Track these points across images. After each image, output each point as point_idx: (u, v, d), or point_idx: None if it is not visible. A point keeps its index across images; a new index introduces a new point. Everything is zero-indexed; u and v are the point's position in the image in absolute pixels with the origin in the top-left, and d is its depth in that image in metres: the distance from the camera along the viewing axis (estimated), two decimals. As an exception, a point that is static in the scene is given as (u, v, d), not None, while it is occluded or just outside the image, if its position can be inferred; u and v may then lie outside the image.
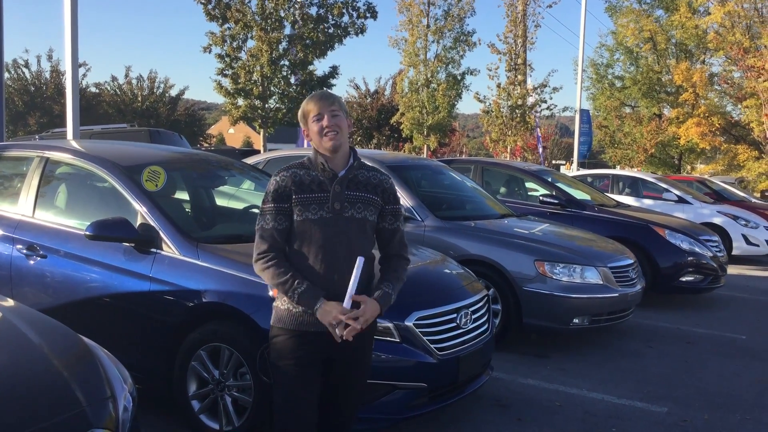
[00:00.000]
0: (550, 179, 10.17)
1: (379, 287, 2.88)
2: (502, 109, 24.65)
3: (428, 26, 24.98)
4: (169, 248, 4.17)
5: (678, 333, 7.41)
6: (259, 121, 19.20)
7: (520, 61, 24.97)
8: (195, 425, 4.05)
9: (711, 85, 31.72)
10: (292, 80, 19.09)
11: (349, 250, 2.79)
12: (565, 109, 27.26)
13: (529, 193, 10.44)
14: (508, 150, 25.37)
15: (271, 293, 2.97)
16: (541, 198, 9.47)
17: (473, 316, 4.42)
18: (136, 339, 4.23)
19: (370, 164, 3.01)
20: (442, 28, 24.80)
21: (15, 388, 2.34)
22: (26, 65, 36.38)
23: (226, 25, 18.37)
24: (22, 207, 4.83)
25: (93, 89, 39.12)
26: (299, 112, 2.94)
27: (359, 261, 2.72)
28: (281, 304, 2.87)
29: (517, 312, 6.26)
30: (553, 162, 46.38)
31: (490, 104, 24.89)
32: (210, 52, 18.59)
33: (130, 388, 2.75)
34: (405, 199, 6.86)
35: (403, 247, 3.03)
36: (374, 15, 19.30)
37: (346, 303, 2.71)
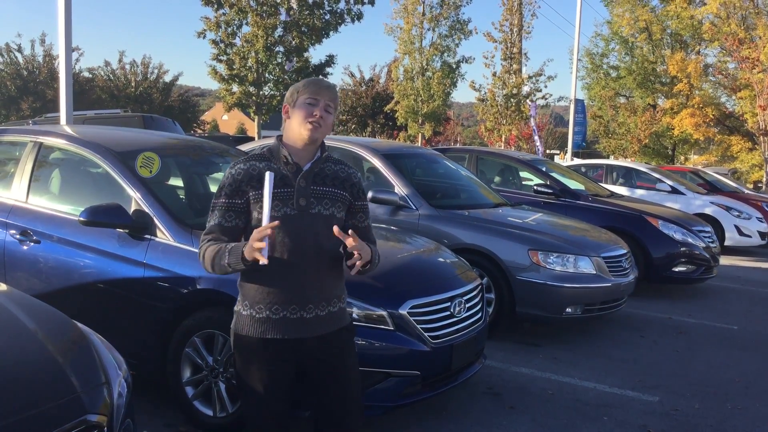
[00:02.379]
0: (544, 169, 10.18)
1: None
2: (497, 98, 24.65)
3: (423, 14, 24.92)
4: (164, 234, 4.16)
5: (670, 323, 7.45)
6: (254, 107, 19.14)
7: (515, 50, 24.98)
8: (189, 411, 4.06)
9: (705, 76, 31.81)
10: (287, 67, 19.00)
11: (317, 250, 2.57)
12: (559, 99, 27.39)
13: (523, 183, 10.46)
14: (503, 139, 25.39)
15: None
16: (535, 187, 9.49)
17: (467, 305, 4.43)
18: (131, 325, 4.23)
19: (336, 156, 2.78)
20: (438, 15, 24.76)
21: (9, 374, 2.34)
22: (19, 50, 36.09)
23: (221, 11, 18.26)
24: (16, 192, 4.81)
25: (86, 74, 38.86)
26: (291, 89, 2.66)
27: (268, 176, 2.43)
28: (243, 309, 2.63)
29: (510, 301, 6.27)
30: (548, 151, 46.34)
31: (485, 93, 24.88)
32: (204, 37, 18.49)
33: (125, 374, 2.75)
34: (399, 188, 6.86)
35: (374, 244, 2.77)
36: (372, 1, 19.21)
37: (265, 220, 2.41)
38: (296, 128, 2.59)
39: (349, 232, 2.46)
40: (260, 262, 2.39)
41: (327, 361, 2.66)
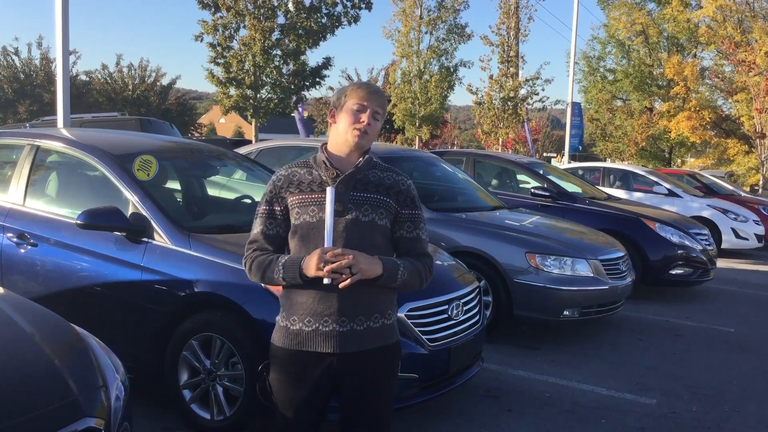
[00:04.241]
0: (541, 171, 10.19)
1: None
2: (494, 101, 24.66)
3: (421, 17, 24.96)
4: (161, 238, 4.16)
5: (667, 325, 7.46)
6: (251, 110, 19.12)
7: (512, 53, 24.97)
8: (186, 415, 4.06)
9: (702, 79, 31.83)
10: (285, 70, 19.01)
11: None
12: (557, 102, 27.34)
13: (520, 186, 10.46)
14: (500, 142, 25.40)
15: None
16: (532, 190, 9.50)
17: (465, 308, 4.43)
18: (128, 328, 4.22)
19: (384, 164, 2.67)
20: (436, 19, 24.80)
21: (7, 377, 2.33)
22: (16, 53, 36.03)
23: (219, 14, 18.26)
24: (13, 195, 4.80)
25: (83, 77, 38.82)
26: (338, 93, 2.58)
27: (329, 191, 2.40)
28: (281, 320, 2.56)
29: (508, 304, 6.28)
30: (545, 154, 46.45)
31: (482, 96, 24.89)
32: (202, 40, 18.48)
33: (122, 377, 2.75)
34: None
35: (426, 256, 2.63)
36: (369, 6, 19.23)
37: (327, 242, 2.38)
38: (342, 134, 2.52)
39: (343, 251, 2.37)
40: (324, 281, 2.38)
41: (362, 380, 2.54)
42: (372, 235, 2.49)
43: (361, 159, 2.56)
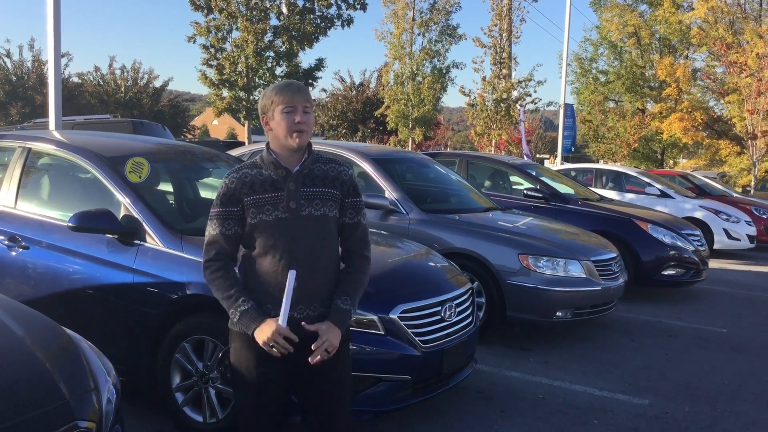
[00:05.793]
0: (534, 173, 10.21)
1: (336, 303, 2.67)
2: (486, 103, 24.69)
3: (413, 19, 25.01)
4: (153, 240, 4.15)
5: (660, 326, 7.48)
6: (244, 112, 19.12)
7: (505, 55, 25.01)
8: (178, 418, 4.04)
9: (694, 81, 32.02)
10: (278, 71, 19.01)
11: (310, 251, 2.62)
12: (549, 104, 27.37)
13: (513, 187, 10.47)
14: (493, 143, 25.44)
15: None
16: (525, 192, 9.51)
17: (457, 309, 4.43)
18: (120, 331, 4.21)
19: (326, 156, 2.80)
20: (428, 21, 24.85)
21: (-3, 380, 2.32)
22: (8, 55, 36.01)
23: (211, 15, 18.26)
24: (4, 198, 4.78)
25: (75, 79, 38.74)
26: (264, 100, 2.68)
27: (291, 275, 2.53)
28: None
29: (500, 305, 6.28)
30: (537, 156, 46.43)
31: (475, 97, 24.93)
32: (194, 42, 18.47)
33: (114, 381, 2.74)
34: (389, 192, 6.86)
35: (364, 245, 2.81)
36: (364, 6, 19.24)
37: (282, 321, 2.51)
38: (283, 139, 2.64)
39: (313, 327, 2.58)
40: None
41: (312, 365, 2.63)
42: (325, 227, 2.67)
43: (306, 156, 2.70)
